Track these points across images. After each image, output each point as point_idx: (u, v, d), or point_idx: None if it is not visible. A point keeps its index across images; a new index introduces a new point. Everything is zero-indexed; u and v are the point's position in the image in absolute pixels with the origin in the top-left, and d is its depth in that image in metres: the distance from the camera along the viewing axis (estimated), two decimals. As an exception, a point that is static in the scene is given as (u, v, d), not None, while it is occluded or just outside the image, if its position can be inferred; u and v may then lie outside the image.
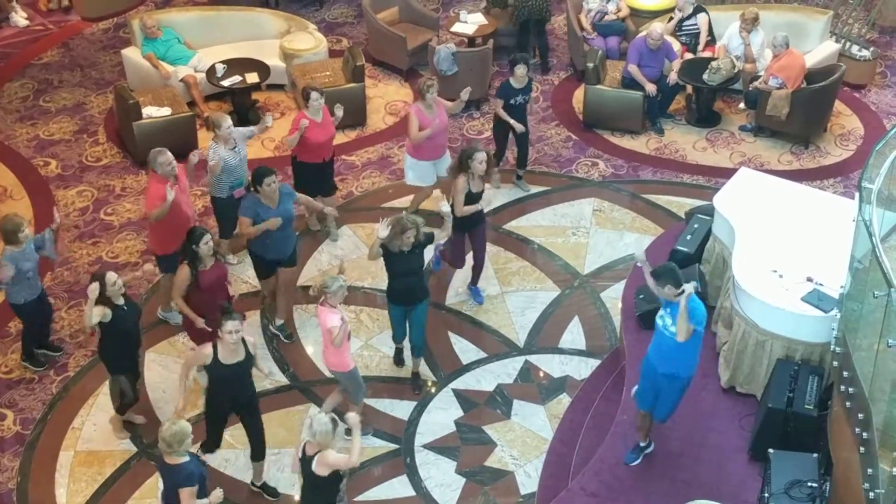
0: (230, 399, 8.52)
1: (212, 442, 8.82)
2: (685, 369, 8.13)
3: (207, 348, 8.31)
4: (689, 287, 7.82)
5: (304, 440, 7.76)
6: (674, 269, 8.02)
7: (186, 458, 7.53)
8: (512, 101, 11.51)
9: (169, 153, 9.73)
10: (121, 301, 8.87)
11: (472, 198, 9.98)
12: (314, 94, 10.69)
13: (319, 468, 7.55)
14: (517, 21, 13.85)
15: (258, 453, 8.84)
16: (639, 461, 8.62)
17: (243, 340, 8.29)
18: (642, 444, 8.64)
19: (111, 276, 8.76)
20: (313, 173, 10.97)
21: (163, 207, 9.60)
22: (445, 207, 9.60)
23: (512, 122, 11.55)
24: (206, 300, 9.14)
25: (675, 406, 8.38)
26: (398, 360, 10.11)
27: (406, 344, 9.93)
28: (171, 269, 9.90)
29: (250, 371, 8.47)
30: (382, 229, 9.12)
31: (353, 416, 7.76)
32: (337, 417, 7.64)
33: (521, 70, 11.41)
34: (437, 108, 10.99)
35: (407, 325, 9.69)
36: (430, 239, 9.49)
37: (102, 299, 8.72)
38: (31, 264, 9.53)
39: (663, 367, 8.14)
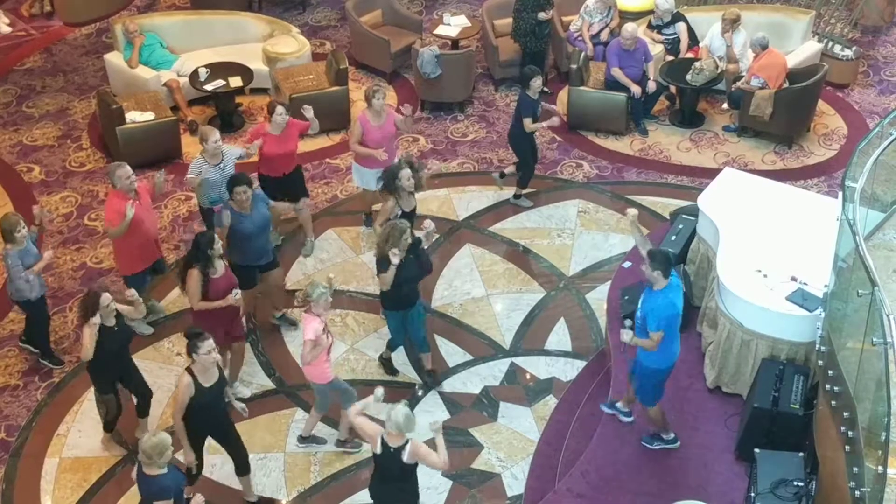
0: (208, 423, 8.42)
1: (196, 466, 8.65)
2: (646, 358, 8.17)
3: (186, 378, 8.13)
4: (626, 336, 8.00)
5: (381, 434, 7.64)
6: (669, 260, 8.04)
7: (164, 471, 7.48)
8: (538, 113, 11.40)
9: (128, 167, 9.64)
10: (112, 322, 8.74)
11: (406, 217, 9.82)
12: (279, 109, 10.52)
13: (412, 457, 7.62)
14: (521, 51, 13.64)
15: (243, 467, 8.75)
16: (653, 447, 8.69)
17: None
18: (665, 437, 8.69)
19: (105, 297, 8.58)
20: (273, 187, 10.66)
21: (121, 225, 9.51)
22: (430, 226, 9.53)
23: (545, 125, 11.54)
24: (215, 311, 9.04)
25: (643, 390, 8.38)
26: (391, 370, 10.05)
27: (395, 355, 10.02)
28: (138, 288, 9.83)
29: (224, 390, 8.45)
30: (395, 257, 9.04)
31: (436, 423, 7.78)
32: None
33: (537, 82, 11.20)
34: (387, 117, 10.89)
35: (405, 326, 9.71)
36: (417, 242, 9.38)
37: (91, 315, 8.59)
38: (32, 261, 9.49)
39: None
